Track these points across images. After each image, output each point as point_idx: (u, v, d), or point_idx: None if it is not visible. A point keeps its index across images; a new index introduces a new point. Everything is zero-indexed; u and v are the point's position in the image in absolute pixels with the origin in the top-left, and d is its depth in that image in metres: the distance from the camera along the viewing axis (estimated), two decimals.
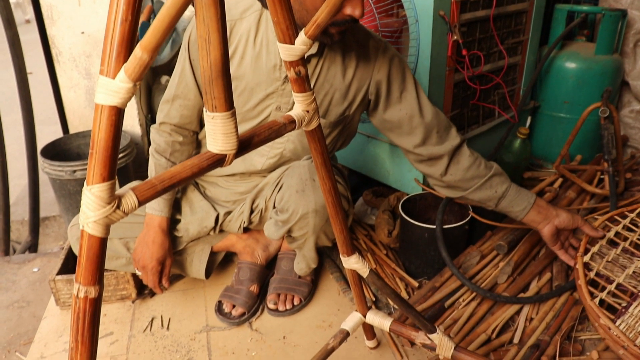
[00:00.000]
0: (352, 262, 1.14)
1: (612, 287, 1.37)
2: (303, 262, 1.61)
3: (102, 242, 0.66)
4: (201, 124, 1.57)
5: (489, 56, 1.90)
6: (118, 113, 0.62)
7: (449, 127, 1.46)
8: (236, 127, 0.77)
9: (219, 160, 0.78)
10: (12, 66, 2.22)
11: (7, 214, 2.37)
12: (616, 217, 1.59)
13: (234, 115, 0.76)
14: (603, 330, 1.26)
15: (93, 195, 0.64)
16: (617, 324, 1.27)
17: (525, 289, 1.56)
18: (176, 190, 1.58)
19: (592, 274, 1.39)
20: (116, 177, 0.67)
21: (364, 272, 1.14)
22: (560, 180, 1.94)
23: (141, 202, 0.69)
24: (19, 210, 2.83)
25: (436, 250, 1.59)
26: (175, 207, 1.63)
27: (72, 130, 2.41)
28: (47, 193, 2.72)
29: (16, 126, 2.55)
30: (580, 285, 1.35)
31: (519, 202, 1.44)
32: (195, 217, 1.59)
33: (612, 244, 1.53)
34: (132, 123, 2.32)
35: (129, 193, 0.68)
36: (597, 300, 1.33)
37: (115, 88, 0.60)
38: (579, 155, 2.12)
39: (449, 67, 1.72)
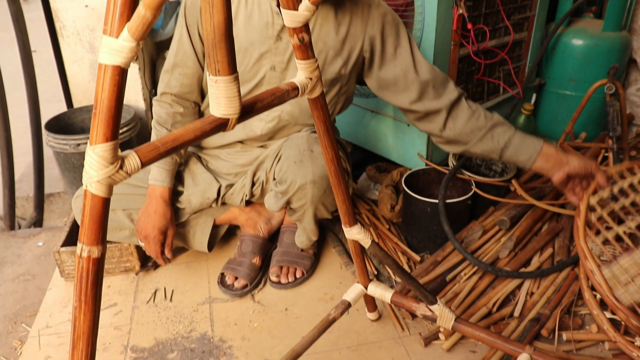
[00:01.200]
0: (354, 233, 1.15)
1: (609, 234, 1.35)
2: (304, 235, 1.62)
3: (105, 203, 0.67)
4: (202, 95, 1.57)
5: (495, 31, 1.89)
6: (121, 73, 0.62)
7: (446, 82, 1.44)
8: (239, 91, 0.77)
9: (222, 125, 0.78)
10: (16, 45, 2.21)
11: (12, 190, 2.38)
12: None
13: (237, 79, 0.76)
14: (586, 274, 1.26)
15: (96, 155, 0.64)
16: (603, 270, 1.27)
17: (526, 263, 1.57)
18: (178, 162, 1.58)
19: (593, 216, 1.37)
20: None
21: (366, 242, 1.15)
22: None
23: (144, 164, 0.69)
24: (24, 186, 2.84)
25: (438, 224, 1.60)
26: (178, 179, 1.63)
27: (76, 105, 2.40)
28: (51, 170, 2.72)
29: (21, 104, 2.55)
30: (578, 225, 1.32)
31: (524, 151, 1.38)
32: (198, 188, 1.59)
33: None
34: (136, 98, 2.32)
35: (131, 154, 0.68)
36: (589, 243, 1.31)
37: (119, 47, 0.60)
38: (584, 132, 2.11)
39: (454, 41, 1.71)
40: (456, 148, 1.47)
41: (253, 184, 1.59)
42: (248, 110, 0.81)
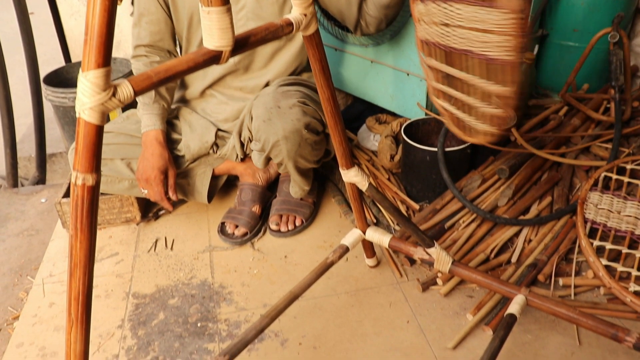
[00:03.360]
0: (351, 175, 1.15)
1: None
2: (295, 186, 1.64)
3: (99, 130, 0.67)
4: (177, 46, 1.60)
5: None
6: None
7: None
8: (232, 22, 0.76)
9: (215, 57, 0.77)
10: (12, 6, 2.18)
11: (14, 149, 2.38)
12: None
13: (229, 10, 0.75)
14: (583, 222, 1.27)
15: (88, 82, 0.64)
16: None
17: (525, 212, 1.57)
18: (166, 107, 1.58)
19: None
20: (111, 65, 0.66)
21: (363, 185, 1.15)
22: (565, 108, 1.92)
23: (137, 92, 0.69)
24: (26, 147, 2.84)
25: (438, 173, 1.60)
26: (175, 129, 1.64)
27: (74, 59, 2.39)
28: (53, 130, 2.72)
29: (20, 66, 2.54)
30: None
31: None
32: (195, 133, 1.60)
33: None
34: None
35: (124, 82, 0.68)
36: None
37: None
38: (586, 84, 2.09)
39: None
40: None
41: (242, 144, 1.61)
42: (241, 43, 0.81)
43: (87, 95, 0.64)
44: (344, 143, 1.09)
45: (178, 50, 1.67)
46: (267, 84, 1.61)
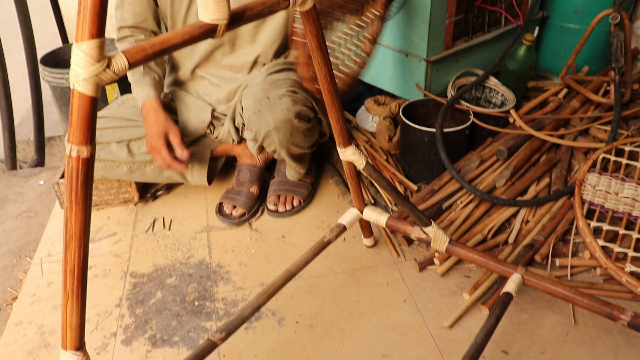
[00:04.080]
0: (348, 154, 1.15)
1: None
2: (291, 170, 1.65)
3: (93, 102, 0.66)
4: (160, 27, 1.60)
5: None
6: None
7: None
8: None
9: (211, 31, 0.76)
10: None
11: (12, 131, 2.38)
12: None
13: None
14: (580, 203, 1.28)
15: (82, 53, 0.63)
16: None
17: (523, 193, 1.57)
18: (157, 79, 1.57)
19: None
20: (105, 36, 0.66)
21: (360, 163, 1.15)
22: (565, 90, 1.91)
23: (131, 64, 0.68)
24: (24, 130, 2.84)
25: (436, 154, 1.59)
26: (172, 111, 1.63)
27: (71, 40, 2.37)
28: (52, 114, 2.72)
29: (18, 50, 2.52)
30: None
31: None
32: (191, 113, 1.59)
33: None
34: None
35: (119, 54, 0.67)
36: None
37: None
38: (586, 66, 2.08)
39: None
40: None
41: (237, 129, 1.60)
42: (237, 17, 0.80)
43: (81, 66, 0.64)
44: (340, 121, 1.09)
45: (164, 30, 1.65)
46: (255, 62, 1.59)
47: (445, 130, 1.58)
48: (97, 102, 0.67)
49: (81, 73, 0.64)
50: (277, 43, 1.58)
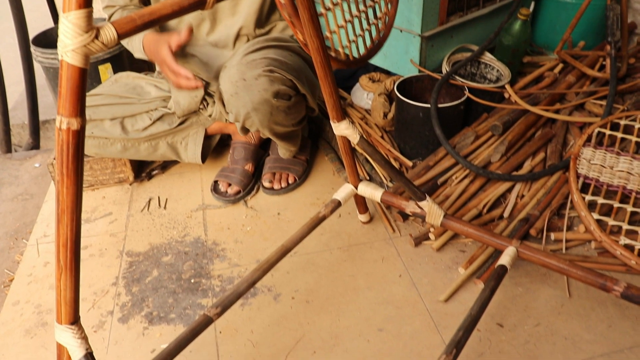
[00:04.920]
0: (342, 128, 1.14)
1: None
2: (282, 149, 1.65)
3: (82, 73, 0.66)
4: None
5: None
6: None
7: None
8: None
9: (200, 1, 0.76)
10: None
11: (6, 115, 2.37)
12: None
13: None
14: (575, 177, 1.27)
15: (70, 23, 0.63)
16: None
17: (518, 168, 1.57)
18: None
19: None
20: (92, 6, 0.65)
21: (354, 138, 1.14)
22: (560, 65, 1.90)
23: (120, 35, 0.68)
24: (19, 114, 2.83)
25: (431, 130, 1.59)
26: (165, 89, 1.62)
27: None
28: (46, 97, 2.70)
29: (10, 34, 2.50)
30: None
31: None
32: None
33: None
34: None
35: (107, 25, 0.66)
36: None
37: None
38: (582, 41, 2.06)
39: None
40: None
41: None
42: None
43: (68, 36, 0.63)
44: (334, 95, 1.08)
45: None
46: (238, 35, 1.57)
47: (440, 105, 1.57)
48: (86, 73, 0.66)
49: (69, 43, 0.63)
50: (257, 13, 1.55)
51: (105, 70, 2.08)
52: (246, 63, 1.39)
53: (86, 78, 0.66)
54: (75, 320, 0.77)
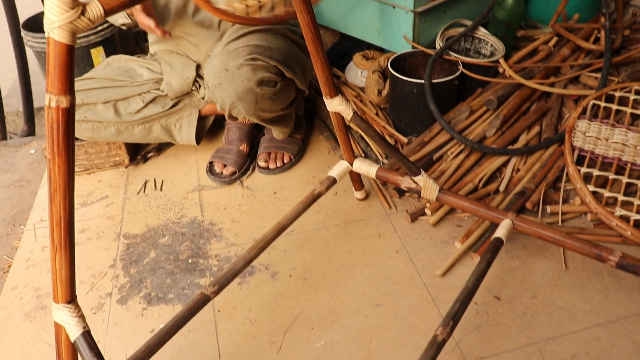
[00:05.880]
0: (335, 105, 1.14)
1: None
2: (275, 131, 1.64)
3: (70, 50, 0.65)
4: None
5: None
6: None
7: None
8: None
9: None
10: None
11: (0, 102, 2.35)
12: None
13: None
14: (570, 150, 1.28)
15: None
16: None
17: (513, 142, 1.57)
18: None
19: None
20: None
21: (348, 114, 1.14)
22: (555, 39, 1.89)
23: (107, 12, 0.67)
24: (13, 102, 2.81)
25: (425, 106, 1.58)
26: (157, 71, 1.61)
27: None
28: (40, 84, 2.68)
29: (0, 21, 2.47)
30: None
31: None
32: (175, 70, 1.57)
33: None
34: None
35: (94, 1, 0.66)
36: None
37: None
38: (577, 14, 2.05)
39: None
40: None
41: None
42: None
43: (54, 13, 0.62)
44: (326, 71, 1.08)
45: None
46: None
47: (434, 81, 1.56)
48: (74, 50, 0.66)
49: (55, 20, 0.63)
50: None
51: (97, 53, 2.07)
52: (228, 53, 1.38)
53: (74, 55, 0.66)
54: (71, 299, 0.77)
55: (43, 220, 1.57)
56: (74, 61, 0.66)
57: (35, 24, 2.15)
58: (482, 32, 1.80)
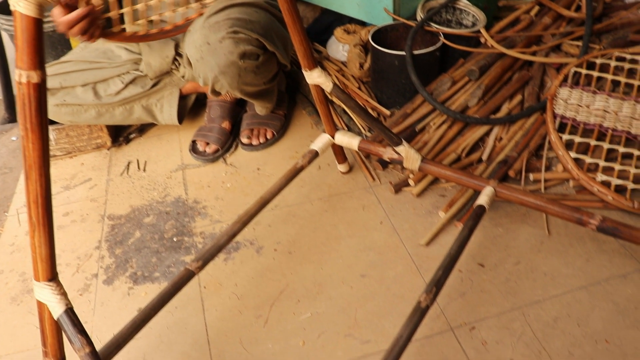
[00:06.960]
0: (315, 77, 1.13)
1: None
2: (258, 107, 1.63)
3: (38, 23, 0.64)
4: None
5: None
6: None
7: None
8: None
9: None
10: None
11: None
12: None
13: None
14: (552, 117, 1.28)
15: None
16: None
17: (496, 111, 1.57)
18: None
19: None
20: None
21: (328, 86, 1.13)
22: (536, 8, 1.88)
23: None
24: None
25: (407, 78, 1.58)
26: (136, 51, 1.59)
27: None
28: None
29: None
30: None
31: None
32: (154, 50, 1.55)
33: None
34: None
35: None
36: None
37: None
38: None
39: None
40: None
41: None
42: None
43: None
44: (304, 43, 1.07)
45: None
46: None
47: (416, 52, 1.56)
48: (41, 24, 0.64)
49: None
50: None
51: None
52: (209, 26, 1.36)
53: (42, 29, 0.65)
54: (52, 276, 0.77)
55: (26, 204, 1.55)
56: (43, 35, 0.65)
57: (8, 6, 2.12)
58: (463, 2, 1.79)
